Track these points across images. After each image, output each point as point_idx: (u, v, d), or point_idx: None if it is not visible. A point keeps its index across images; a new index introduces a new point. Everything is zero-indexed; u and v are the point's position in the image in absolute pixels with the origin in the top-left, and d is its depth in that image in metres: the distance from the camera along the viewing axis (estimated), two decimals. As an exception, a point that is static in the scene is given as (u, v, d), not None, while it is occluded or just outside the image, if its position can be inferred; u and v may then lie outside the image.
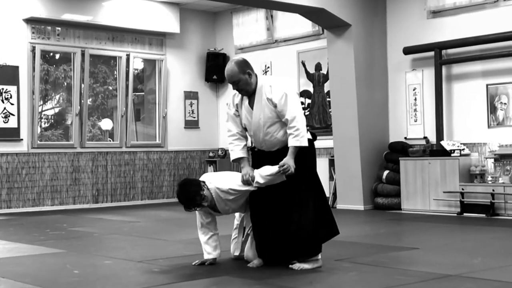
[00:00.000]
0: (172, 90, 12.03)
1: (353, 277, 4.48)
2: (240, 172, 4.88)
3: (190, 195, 4.73)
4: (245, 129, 4.92)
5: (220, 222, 5.16)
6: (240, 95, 4.88)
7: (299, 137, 4.64)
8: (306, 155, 4.76)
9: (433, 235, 6.74)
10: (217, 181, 4.84)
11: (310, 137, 4.85)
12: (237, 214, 5.24)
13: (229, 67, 4.77)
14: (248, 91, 4.77)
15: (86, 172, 10.97)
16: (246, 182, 4.74)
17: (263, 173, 4.73)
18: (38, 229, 7.72)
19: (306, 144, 4.66)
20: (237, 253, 5.15)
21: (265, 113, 4.74)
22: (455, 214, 8.56)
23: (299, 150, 4.69)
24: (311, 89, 10.83)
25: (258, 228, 4.87)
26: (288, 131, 4.69)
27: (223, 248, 5.18)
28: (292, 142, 4.66)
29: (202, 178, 4.95)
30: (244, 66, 4.74)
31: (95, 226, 8.01)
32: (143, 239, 6.74)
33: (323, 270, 4.69)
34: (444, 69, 9.30)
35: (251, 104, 4.81)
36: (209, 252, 4.97)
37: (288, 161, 4.65)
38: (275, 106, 4.69)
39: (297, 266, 4.72)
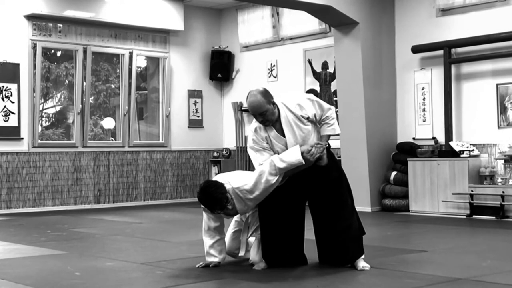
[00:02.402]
0: (175, 89, 11.99)
1: (360, 280, 4.46)
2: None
3: (217, 198, 4.66)
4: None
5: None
6: (262, 127, 4.78)
7: (334, 125, 4.79)
8: (336, 160, 4.89)
9: (441, 238, 6.72)
10: (234, 181, 4.75)
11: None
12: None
13: (255, 99, 4.69)
14: (273, 120, 4.73)
15: (88, 172, 10.94)
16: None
17: (285, 158, 4.61)
18: (38, 230, 7.71)
19: (337, 131, 4.82)
20: (242, 253, 5.07)
21: (299, 133, 4.74)
22: (464, 216, 8.52)
23: (330, 154, 4.79)
24: (317, 88, 10.82)
25: (274, 231, 4.84)
26: (323, 121, 4.80)
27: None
28: (327, 131, 4.78)
29: (216, 179, 4.87)
30: (269, 96, 4.73)
31: (97, 227, 8.00)
32: (146, 240, 6.74)
33: (330, 273, 4.66)
34: (453, 68, 9.27)
35: (278, 131, 4.76)
36: (214, 255, 4.93)
37: (323, 154, 4.75)
38: (309, 118, 4.72)
39: (361, 265, 4.77)
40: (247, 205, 4.79)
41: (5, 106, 10.06)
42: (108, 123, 12.59)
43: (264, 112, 4.67)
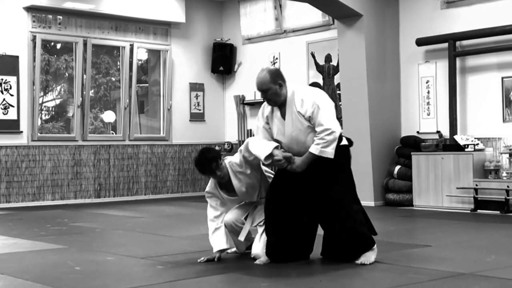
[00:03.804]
0: (177, 82, 11.97)
1: (364, 275, 4.44)
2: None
3: (208, 158, 4.88)
4: (276, 141, 4.85)
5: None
6: (270, 107, 4.89)
7: (319, 146, 4.64)
8: (342, 160, 4.80)
9: (445, 233, 6.71)
10: (231, 158, 5.01)
11: (346, 142, 4.88)
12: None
13: (261, 75, 4.81)
14: (276, 102, 4.79)
15: (88, 165, 10.92)
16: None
17: (257, 146, 4.74)
18: (38, 224, 7.70)
19: (326, 155, 4.64)
20: (241, 238, 5.07)
21: (296, 126, 4.75)
22: (469, 211, 8.51)
23: (337, 154, 4.69)
24: (320, 81, 10.81)
25: (277, 227, 4.83)
26: (316, 137, 4.69)
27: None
28: (312, 149, 4.67)
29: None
30: (276, 76, 4.77)
31: (97, 222, 7.99)
32: (147, 235, 6.74)
33: (333, 269, 4.66)
34: (458, 61, 9.25)
35: (283, 115, 4.82)
36: (218, 242, 4.97)
37: (297, 160, 4.70)
38: (308, 119, 4.71)
39: (360, 260, 4.75)
40: (241, 181, 4.92)
41: (4, 99, 10.03)
42: (108, 116, 12.65)
43: (266, 90, 4.76)
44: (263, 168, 5.08)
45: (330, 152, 4.63)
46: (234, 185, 4.95)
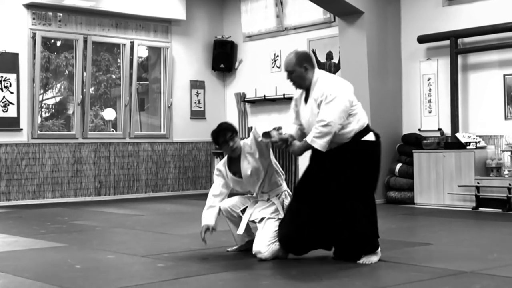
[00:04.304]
0: (177, 79, 11.95)
1: (365, 273, 4.43)
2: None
3: (223, 128, 5.06)
4: (301, 125, 4.92)
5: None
6: (300, 90, 4.90)
7: (312, 136, 4.62)
8: (362, 155, 4.73)
9: (447, 231, 6.71)
10: (245, 140, 5.15)
11: (372, 138, 4.80)
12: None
13: (289, 56, 4.83)
14: (301, 85, 4.81)
15: (88, 163, 10.90)
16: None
17: (260, 126, 4.90)
18: (38, 222, 7.70)
19: (316, 146, 4.61)
20: (240, 232, 5.12)
21: (313, 113, 4.73)
22: (470, 209, 8.50)
23: (356, 148, 4.68)
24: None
25: (299, 218, 4.81)
26: (313, 128, 4.67)
27: (228, 243, 5.34)
28: (307, 137, 4.69)
29: None
30: (303, 59, 4.77)
31: (97, 220, 7.98)
32: (147, 233, 6.73)
33: (334, 267, 4.66)
34: (460, 59, 9.23)
35: (305, 100, 4.83)
36: (207, 218, 5.10)
37: (295, 145, 4.74)
38: (318, 107, 4.71)
39: (362, 260, 4.73)
40: (250, 163, 5.00)
41: (4, 97, 10.01)
42: (109, 114, 12.64)
43: (291, 71, 4.77)
44: (273, 160, 5.11)
45: (321, 144, 4.58)
46: (241, 165, 5.03)
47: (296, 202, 4.84)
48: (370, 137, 4.77)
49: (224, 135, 5.01)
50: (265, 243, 4.91)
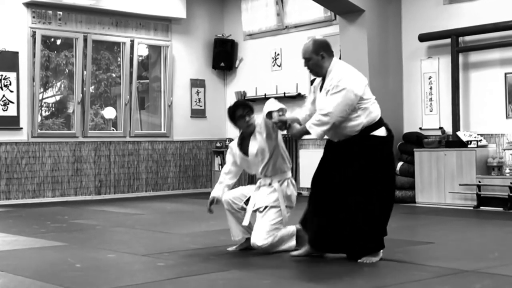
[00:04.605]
0: (178, 78, 11.93)
1: (366, 272, 4.42)
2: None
3: (242, 102, 5.39)
4: None
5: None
6: (319, 78, 4.91)
7: (311, 122, 4.68)
8: (370, 151, 4.70)
9: (448, 229, 6.71)
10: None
11: (383, 134, 4.76)
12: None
13: (305, 43, 4.87)
14: (317, 73, 4.83)
15: (88, 162, 10.89)
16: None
17: (268, 103, 4.99)
18: (38, 222, 7.69)
19: (312, 133, 4.68)
20: (245, 223, 5.13)
21: (323, 98, 4.77)
22: (472, 208, 8.49)
23: (371, 145, 4.67)
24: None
25: (318, 216, 4.82)
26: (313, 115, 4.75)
27: (229, 242, 5.31)
28: (307, 124, 4.74)
29: None
30: (320, 47, 4.77)
31: (98, 219, 7.98)
32: (148, 232, 6.72)
33: (335, 266, 4.66)
34: (461, 57, 9.20)
35: (321, 88, 4.85)
36: (216, 190, 5.28)
37: (295, 128, 4.82)
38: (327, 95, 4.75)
39: (364, 260, 4.70)
40: (256, 142, 5.11)
41: (4, 95, 10.00)
42: (109, 112, 12.65)
43: (307, 58, 4.79)
44: (282, 146, 5.16)
45: (317, 131, 4.63)
46: (249, 145, 5.15)
47: (313, 196, 4.88)
48: (380, 132, 4.72)
49: (241, 109, 5.14)
50: (263, 235, 4.94)
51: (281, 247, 5.06)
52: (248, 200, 5.15)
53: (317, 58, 4.73)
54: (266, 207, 5.03)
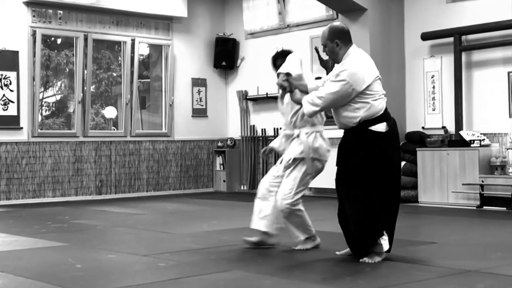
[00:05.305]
0: (179, 77, 11.91)
1: (368, 272, 4.42)
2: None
3: (287, 51, 5.38)
4: None
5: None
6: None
7: (308, 97, 4.81)
8: (373, 146, 4.68)
9: (451, 229, 6.70)
10: None
11: (382, 130, 4.71)
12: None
13: (324, 29, 4.90)
14: (334, 59, 4.87)
15: (89, 162, 10.88)
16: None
17: (290, 60, 5.17)
18: (39, 222, 7.68)
19: (304, 108, 4.82)
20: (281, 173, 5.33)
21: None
22: (475, 207, 8.48)
23: (368, 140, 4.66)
24: (324, 76, 10.59)
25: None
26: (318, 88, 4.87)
27: (231, 242, 5.45)
28: (304, 97, 4.87)
29: None
30: (335, 34, 4.79)
31: (99, 219, 7.98)
32: (149, 232, 6.72)
33: (337, 266, 4.69)
34: (463, 56, 9.21)
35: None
36: (273, 142, 5.57)
37: (295, 96, 5.02)
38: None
39: (366, 259, 4.70)
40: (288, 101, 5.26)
41: (4, 95, 9.98)
42: (109, 112, 12.64)
43: (323, 45, 4.86)
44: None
45: (307, 109, 4.77)
46: (282, 101, 5.32)
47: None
48: (379, 127, 4.68)
49: (281, 59, 5.22)
50: (285, 193, 5.07)
51: (295, 227, 5.13)
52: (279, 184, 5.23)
53: (332, 46, 4.76)
54: (290, 160, 5.11)
